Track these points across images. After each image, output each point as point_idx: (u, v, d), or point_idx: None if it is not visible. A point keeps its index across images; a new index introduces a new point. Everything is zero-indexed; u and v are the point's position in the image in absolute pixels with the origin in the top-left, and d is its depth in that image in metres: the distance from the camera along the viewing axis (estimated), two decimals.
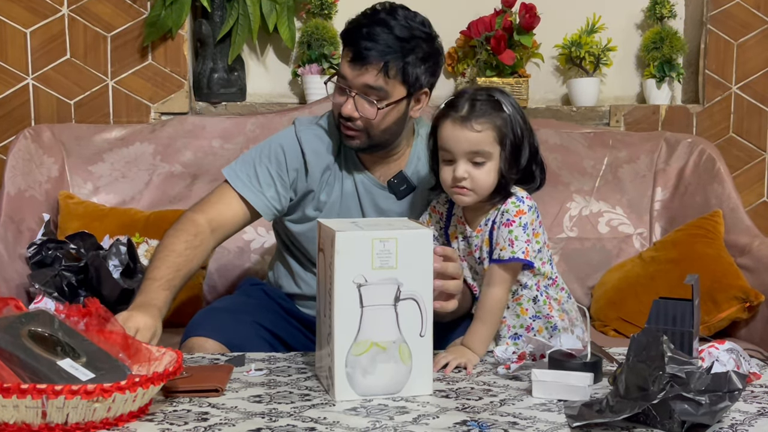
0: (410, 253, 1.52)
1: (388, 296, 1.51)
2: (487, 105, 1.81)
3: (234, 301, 2.15)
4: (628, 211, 2.81)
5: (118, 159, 2.76)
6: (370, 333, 1.51)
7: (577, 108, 3.09)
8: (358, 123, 1.95)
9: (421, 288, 1.53)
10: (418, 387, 1.55)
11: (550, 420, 1.41)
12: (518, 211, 1.83)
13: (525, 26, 3.01)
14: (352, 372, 1.51)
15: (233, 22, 2.94)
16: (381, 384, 1.53)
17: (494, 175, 1.82)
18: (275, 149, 2.05)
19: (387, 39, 1.90)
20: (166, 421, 1.39)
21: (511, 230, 1.81)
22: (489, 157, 1.81)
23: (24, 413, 1.30)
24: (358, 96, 1.93)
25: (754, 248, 2.55)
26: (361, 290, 1.50)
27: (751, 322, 2.44)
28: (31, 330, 1.42)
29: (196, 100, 3.00)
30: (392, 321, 1.51)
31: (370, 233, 1.51)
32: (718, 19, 3.11)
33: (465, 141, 1.80)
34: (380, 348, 1.51)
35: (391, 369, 1.52)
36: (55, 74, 2.91)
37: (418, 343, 1.53)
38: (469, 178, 1.81)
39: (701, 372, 1.34)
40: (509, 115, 1.82)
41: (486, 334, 1.81)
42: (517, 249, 1.80)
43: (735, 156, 3.13)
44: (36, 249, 2.45)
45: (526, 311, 1.88)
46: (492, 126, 1.80)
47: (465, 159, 1.81)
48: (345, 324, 1.50)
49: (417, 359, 1.53)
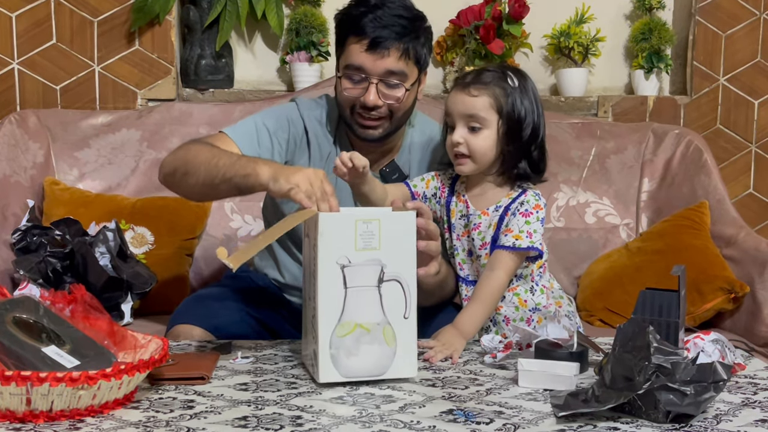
0: (393, 235, 1.53)
1: (372, 277, 1.52)
2: (492, 75, 1.85)
3: (220, 289, 2.14)
4: (615, 202, 2.81)
5: (105, 145, 2.74)
6: (354, 314, 1.51)
7: (565, 98, 3.09)
8: (383, 110, 1.93)
9: (405, 270, 1.54)
10: (403, 369, 1.55)
11: (536, 409, 1.41)
12: (537, 204, 1.85)
13: (514, 16, 3.01)
14: (336, 353, 1.51)
15: (221, 8, 2.93)
16: (365, 366, 1.53)
17: (491, 143, 1.84)
18: (281, 119, 2.01)
19: (398, 21, 1.90)
20: (151, 409, 1.38)
21: (529, 221, 1.83)
22: (484, 123, 1.83)
23: (8, 400, 1.29)
24: (380, 83, 1.91)
25: (740, 239, 2.56)
26: (345, 271, 1.51)
27: (736, 313, 2.45)
28: (15, 316, 1.41)
29: (183, 86, 2.98)
30: (376, 302, 1.52)
31: (353, 214, 1.52)
32: (706, 11, 3.11)
33: (461, 103, 1.84)
34: (364, 329, 1.52)
35: (376, 351, 1.53)
36: (41, 59, 2.88)
37: (402, 325, 1.54)
38: (465, 144, 1.83)
39: (686, 362, 1.34)
40: (512, 87, 1.84)
41: (481, 316, 1.81)
42: (536, 240, 1.82)
43: (722, 147, 3.14)
44: (21, 235, 2.43)
45: (525, 303, 1.88)
46: (489, 93, 1.83)
47: (462, 123, 1.84)
48: (329, 305, 1.51)
49: (401, 341, 1.54)
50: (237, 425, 1.31)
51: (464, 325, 1.79)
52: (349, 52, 1.92)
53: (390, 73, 1.91)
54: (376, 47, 1.88)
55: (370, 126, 1.95)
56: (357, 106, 1.94)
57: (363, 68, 1.91)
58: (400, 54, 1.90)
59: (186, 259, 2.58)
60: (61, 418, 1.32)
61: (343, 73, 1.95)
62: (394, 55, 1.90)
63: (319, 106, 2.08)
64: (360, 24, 1.89)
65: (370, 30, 1.88)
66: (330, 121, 2.05)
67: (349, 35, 1.92)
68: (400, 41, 1.89)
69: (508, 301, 1.88)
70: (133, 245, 2.48)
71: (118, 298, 2.32)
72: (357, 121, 1.96)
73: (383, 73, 1.91)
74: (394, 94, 1.92)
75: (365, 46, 1.89)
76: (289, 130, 2.01)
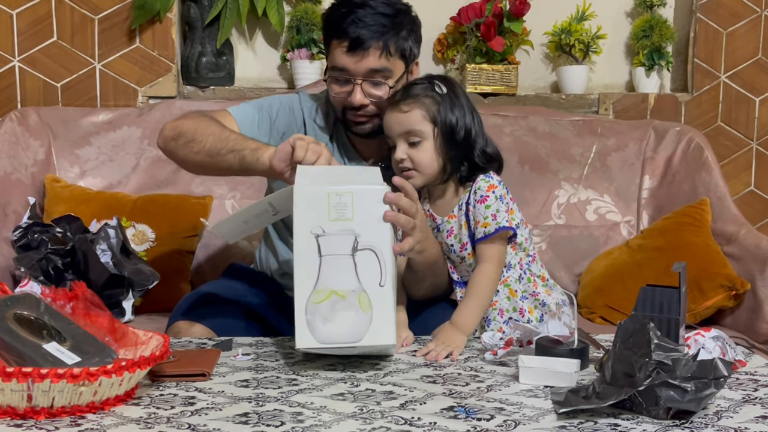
0: (366, 208, 1.57)
1: (346, 246, 1.56)
2: (419, 87, 1.88)
3: (221, 286, 2.15)
4: (616, 199, 2.81)
5: (105, 142, 2.74)
6: (328, 281, 1.55)
7: (566, 95, 3.09)
8: (369, 108, 1.96)
9: (379, 240, 1.57)
10: (380, 336, 1.57)
11: (537, 406, 1.41)
12: (489, 185, 1.86)
13: (515, 13, 3.01)
14: (312, 319, 1.54)
15: (222, 5, 2.93)
16: (341, 332, 1.55)
17: (432, 153, 1.86)
18: (283, 105, 2.07)
19: (377, 19, 1.91)
20: (152, 405, 1.38)
21: (488, 205, 1.85)
22: (422, 135, 1.86)
23: (9, 396, 1.29)
24: (364, 82, 1.93)
25: (741, 237, 2.56)
26: (319, 240, 1.55)
27: (736, 310, 2.45)
28: (16, 313, 1.41)
29: (184, 84, 2.98)
30: (351, 270, 1.56)
31: (325, 188, 1.56)
32: (707, 8, 3.11)
33: (396, 122, 1.87)
34: (339, 296, 1.55)
35: (351, 317, 1.55)
36: (42, 56, 2.89)
37: (378, 293, 1.56)
38: (408, 159, 1.86)
39: (687, 359, 1.34)
40: (441, 95, 1.86)
41: (477, 311, 1.82)
42: (501, 219, 1.84)
43: (723, 145, 3.14)
44: (22, 232, 2.43)
45: (515, 292, 1.89)
46: (420, 105, 1.85)
47: (401, 140, 1.87)
48: (305, 273, 1.55)
49: (377, 308, 1.56)
50: (238, 422, 1.31)
51: (461, 321, 1.79)
52: (332, 55, 1.96)
53: (373, 72, 1.93)
54: (356, 48, 1.91)
55: (360, 122, 1.98)
56: (347, 106, 1.97)
57: (346, 69, 1.93)
58: (380, 52, 1.92)
59: (187, 256, 2.58)
60: (62, 414, 1.32)
61: (329, 76, 1.98)
62: (374, 54, 1.92)
63: (320, 101, 2.09)
64: (341, 26, 1.92)
65: (351, 31, 1.91)
66: (328, 118, 2.07)
67: (332, 38, 1.96)
68: (379, 39, 1.91)
69: (501, 294, 1.89)
70: (134, 242, 2.48)
71: (119, 295, 2.32)
72: (348, 119, 2.00)
73: (366, 73, 1.93)
74: (378, 92, 1.95)
75: (346, 48, 1.92)
76: (288, 118, 2.06)
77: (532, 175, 2.78)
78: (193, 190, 2.70)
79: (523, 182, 2.73)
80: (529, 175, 2.79)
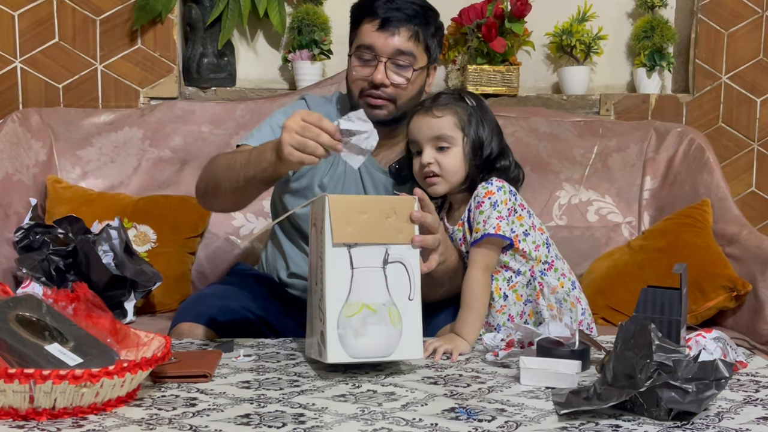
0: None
1: (377, 258, 1.56)
2: (450, 97, 1.93)
3: (223, 287, 2.15)
4: (617, 200, 2.81)
5: (107, 144, 2.74)
6: (360, 294, 1.55)
7: (568, 96, 3.09)
8: (388, 91, 1.98)
9: (408, 252, 1.58)
10: (409, 351, 1.58)
11: (538, 407, 1.41)
12: (487, 192, 1.88)
13: (516, 14, 3.01)
14: (343, 333, 1.54)
15: (223, 6, 2.93)
16: (372, 346, 1.55)
17: (460, 161, 1.89)
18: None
19: (410, 6, 1.98)
20: (154, 407, 1.39)
21: (482, 210, 1.86)
22: (452, 142, 1.89)
23: (11, 398, 1.29)
24: (389, 62, 1.96)
25: (742, 238, 2.56)
26: (351, 252, 1.54)
27: (738, 312, 2.45)
28: (18, 314, 1.41)
29: (185, 84, 2.98)
30: (382, 283, 1.56)
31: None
32: (708, 9, 3.11)
33: (427, 127, 1.89)
34: (371, 310, 1.55)
35: (382, 331, 1.55)
36: (44, 57, 2.89)
37: (407, 307, 1.57)
38: (435, 163, 1.88)
39: (688, 360, 1.35)
40: (471, 106, 1.91)
41: (471, 318, 1.82)
42: (488, 226, 1.84)
43: (724, 146, 3.14)
44: (23, 233, 2.43)
45: (521, 297, 1.90)
46: (452, 112, 1.89)
47: (430, 146, 1.89)
48: (336, 285, 1.54)
49: (407, 323, 1.57)
50: (239, 423, 1.31)
51: (460, 331, 1.80)
52: (361, 33, 2.00)
53: (399, 53, 1.97)
54: (386, 25, 1.96)
55: (377, 105, 1.99)
56: (366, 87, 1.99)
57: (373, 47, 1.97)
58: (410, 35, 1.97)
59: (188, 257, 2.59)
60: (64, 415, 1.32)
61: (354, 54, 2.01)
62: (404, 35, 1.96)
63: (330, 102, 2.10)
64: (374, 6, 1.98)
65: (382, 11, 1.97)
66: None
67: (363, 17, 2.00)
68: (410, 22, 1.97)
69: (510, 300, 1.89)
70: (136, 243, 2.48)
71: (121, 296, 2.32)
72: (365, 101, 2.00)
73: (393, 53, 1.96)
74: (402, 74, 1.97)
75: (377, 25, 1.96)
76: None
77: (533, 176, 2.78)
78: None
79: (524, 183, 2.72)
80: (530, 176, 2.77)
